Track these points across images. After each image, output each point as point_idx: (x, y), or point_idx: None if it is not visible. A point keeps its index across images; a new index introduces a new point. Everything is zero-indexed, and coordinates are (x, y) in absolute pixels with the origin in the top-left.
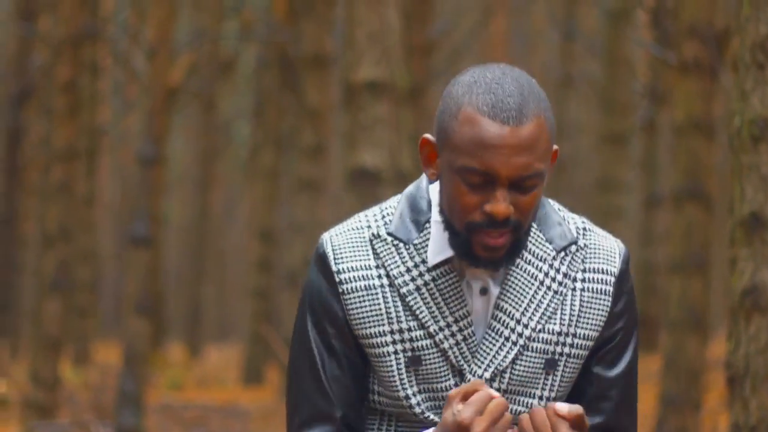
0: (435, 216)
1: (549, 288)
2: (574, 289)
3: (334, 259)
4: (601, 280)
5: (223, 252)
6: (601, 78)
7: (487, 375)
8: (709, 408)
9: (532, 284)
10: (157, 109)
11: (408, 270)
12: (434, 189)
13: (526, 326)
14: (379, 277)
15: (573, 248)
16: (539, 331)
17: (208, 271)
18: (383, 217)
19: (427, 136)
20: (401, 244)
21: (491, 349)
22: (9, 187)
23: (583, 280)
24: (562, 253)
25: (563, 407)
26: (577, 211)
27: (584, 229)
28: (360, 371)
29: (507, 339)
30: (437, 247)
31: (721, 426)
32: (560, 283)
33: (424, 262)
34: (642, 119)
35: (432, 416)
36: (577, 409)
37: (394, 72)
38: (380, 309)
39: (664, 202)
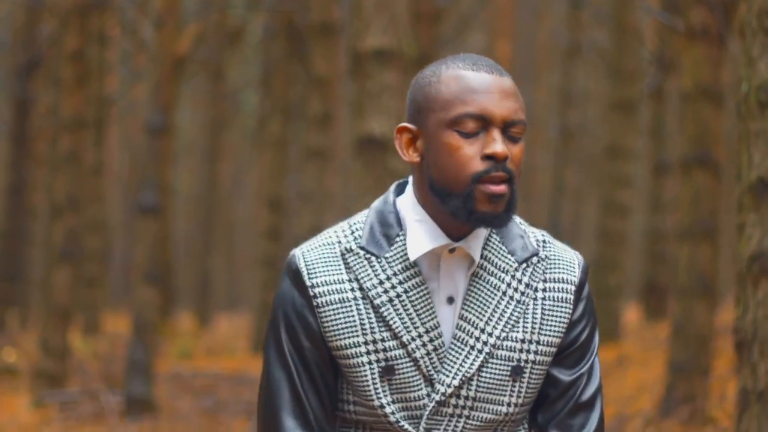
0: (413, 216)
1: (512, 298)
2: (535, 299)
3: (308, 273)
4: (562, 288)
5: (232, 221)
6: (608, 46)
7: (455, 383)
8: (717, 374)
9: (495, 294)
10: (165, 78)
11: (381, 282)
12: (402, 203)
13: (490, 335)
14: (353, 290)
15: (534, 259)
16: (503, 339)
17: (217, 240)
18: (352, 232)
19: (402, 124)
20: (373, 258)
21: (458, 358)
22: (17, 156)
23: (545, 290)
24: (524, 264)
25: None
26: (586, 179)
27: (544, 241)
28: (332, 384)
29: (472, 348)
30: (417, 243)
31: (729, 391)
32: (522, 293)
33: (395, 274)
34: (650, 87)
35: (406, 425)
36: None
37: (401, 40)
38: (354, 321)
39: (672, 170)
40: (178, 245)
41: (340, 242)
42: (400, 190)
